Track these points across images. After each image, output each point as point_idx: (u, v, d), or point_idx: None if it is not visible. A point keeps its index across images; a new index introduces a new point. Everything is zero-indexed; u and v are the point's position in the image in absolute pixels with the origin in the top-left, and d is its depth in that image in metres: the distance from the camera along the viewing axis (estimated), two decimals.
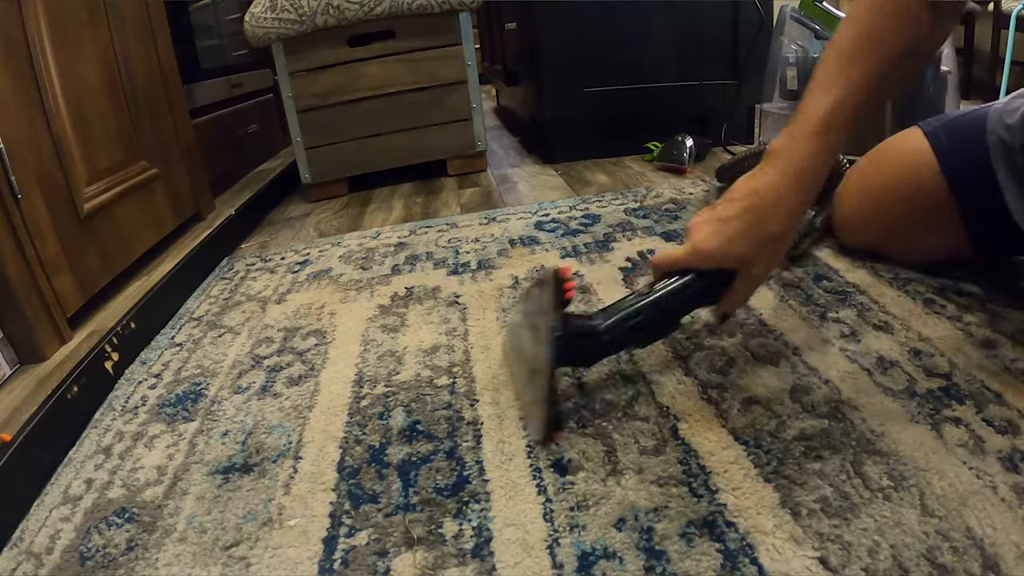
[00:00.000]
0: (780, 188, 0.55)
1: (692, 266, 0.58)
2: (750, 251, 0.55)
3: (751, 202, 0.55)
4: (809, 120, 0.55)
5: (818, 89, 0.55)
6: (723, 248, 0.56)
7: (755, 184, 0.56)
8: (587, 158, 1.60)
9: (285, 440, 0.62)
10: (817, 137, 0.54)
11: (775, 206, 0.55)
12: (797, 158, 0.55)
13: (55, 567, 0.50)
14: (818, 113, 0.54)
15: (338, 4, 1.39)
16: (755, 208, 0.55)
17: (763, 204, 0.55)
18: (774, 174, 0.55)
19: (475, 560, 0.46)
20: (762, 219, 0.55)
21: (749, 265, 0.56)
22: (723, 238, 0.56)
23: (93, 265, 0.92)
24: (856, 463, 0.50)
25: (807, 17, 1.11)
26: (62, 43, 0.91)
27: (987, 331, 0.65)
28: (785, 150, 0.56)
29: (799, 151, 0.55)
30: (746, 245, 0.55)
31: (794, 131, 0.56)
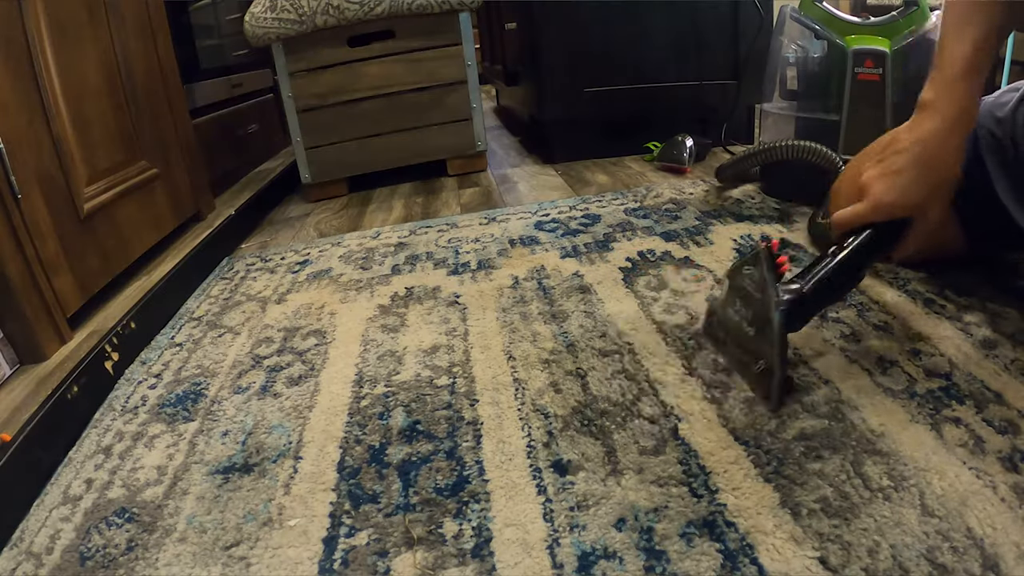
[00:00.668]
0: (941, 134, 0.58)
1: (875, 220, 0.61)
2: (926, 197, 0.59)
3: (919, 151, 0.58)
4: (953, 65, 0.58)
5: (952, 35, 0.59)
6: (902, 199, 0.59)
7: (918, 133, 0.59)
8: (587, 158, 1.60)
9: (285, 440, 0.62)
10: (965, 80, 0.58)
11: (942, 150, 0.58)
12: (951, 103, 0.58)
13: (55, 567, 0.50)
14: (960, 57, 0.58)
15: (338, 4, 1.39)
16: (924, 156, 0.58)
17: (930, 151, 0.58)
18: (935, 121, 0.59)
19: (475, 560, 0.46)
20: (933, 164, 0.58)
21: (925, 211, 0.60)
22: (900, 189, 0.59)
23: (93, 265, 0.92)
24: (856, 463, 0.50)
25: (807, 17, 1.11)
26: (62, 43, 0.91)
27: (987, 331, 0.65)
28: (938, 98, 0.59)
29: (953, 97, 0.58)
30: (922, 192, 0.59)
31: (941, 79, 0.59)
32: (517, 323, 0.78)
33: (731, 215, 1.07)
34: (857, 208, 0.61)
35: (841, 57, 1.04)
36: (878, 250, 0.63)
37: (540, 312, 0.80)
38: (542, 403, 0.62)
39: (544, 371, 0.67)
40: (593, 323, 0.76)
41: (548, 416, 0.60)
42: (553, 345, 0.72)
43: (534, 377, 0.66)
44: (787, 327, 0.58)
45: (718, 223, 1.04)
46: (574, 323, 0.76)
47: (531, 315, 0.80)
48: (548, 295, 0.85)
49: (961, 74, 0.58)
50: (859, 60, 1.02)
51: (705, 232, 1.00)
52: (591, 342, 0.72)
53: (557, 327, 0.76)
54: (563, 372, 0.67)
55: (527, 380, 0.66)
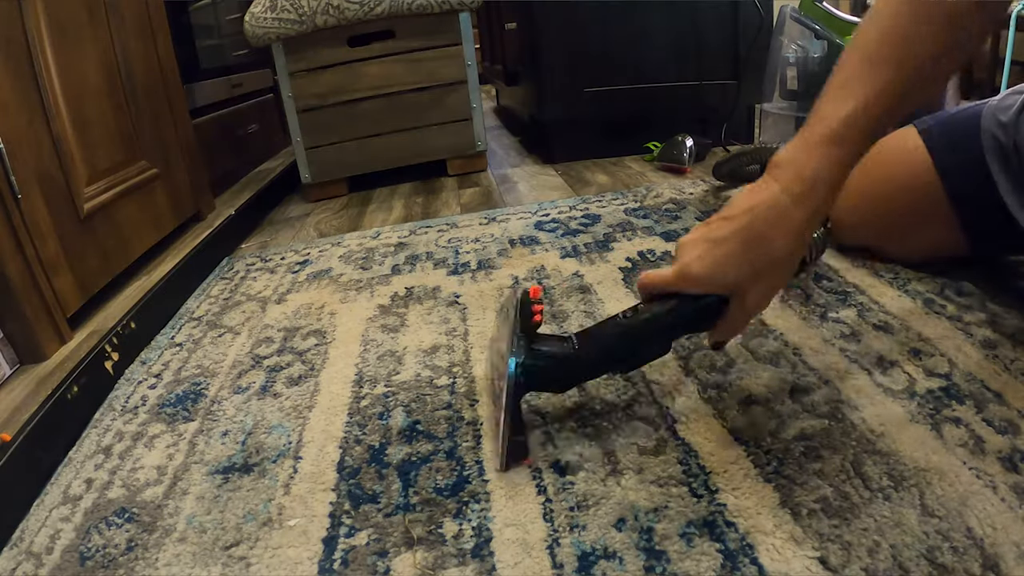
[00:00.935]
0: (783, 204, 0.48)
1: (679, 290, 0.52)
2: (744, 277, 0.49)
3: (748, 220, 0.48)
4: (822, 127, 0.48)
5: (836, 92, 0.49)
6: (712, 273, 0.49)
7: (755, 199, 0.49)
8: (587, 158, 1.61)
9: (285, 440, 0.62)
10: (830, 147, 0.47)
11: (776, 226, 0.48)
12: (805, 170, 0.48)
13: (55, 567, 0.50)
14: (833, 120, 0.47)
15: (338, 4, 1.39)
16: (752, 227, 0.48)
17: (762, 223, 0.48)
18: (777, 189, 0.48)
19: (475, 560, 0.46)
20: (760, 241, 0.48)
21: (743, 292, 0.50)
22: (712, 262, 0.49)
23: (93, 265, 0.92)
24: (856, 463, 0.50)
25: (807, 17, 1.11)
26: (62, 43, 0.91)
27: (987, 331, 0.65)
28: (792, 161, 0.49)
29: (808, 162, 0.48)
30: (739, 271, 0.49)
31: (804, 139, 0.49)
32: None
33: None
34: (663, 273, 0.52)
35: None
36: (681, 324, 0.54)
37: None
38: (541, 403, 0.62)
39: None
40: (593, 322, 0.76)
41: (547, 416, 0.60)
42: None
43: None
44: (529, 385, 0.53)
45: None
46: (574, 323, 0.76)
47: None
48: (548, 295, 0.85)
49: (828, 139, 0.47)
50: None
51: None
52: None
53: (557, 327, 0.76)
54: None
55: None
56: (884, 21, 0.49)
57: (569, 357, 0.53)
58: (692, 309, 0.52)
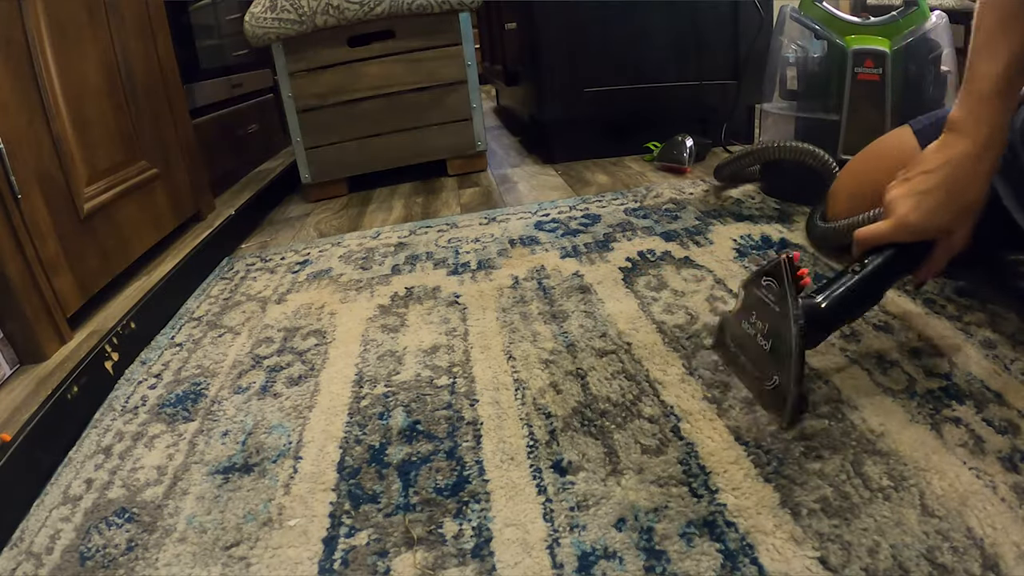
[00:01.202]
0: (972, 155, 0.56)
1: (898, 240, 0.59)
2: (951, 221, 0.58)
3: (948, 172, 0.57)
4: (985, 83, 0.56)
5: (984, 52, 0.56)
6: (927, 221, 0.57)
7: (949, 153, 0.57)
8: (587, 158, 1.60)
9: (285, 440, 0.62)
10: (997, 99, 0.56)
11: (972, 173, 0.57)
12: (983, 123, 0.56)
13: (55, 567, 0.50)
14: (992, 76, 0.55)
15: (338, 4, 1.39)
16: (953, 178, 0.57)
17: (960, 173, 0.57)
18: (965, 143, 0.57)
19: (475, 560, 0.46)
20: (961, 188, 0.57)
21: (950, 233, 0.58)
22: (926, 211, 0.57)
23: (93, 265, 0.92)
24: (856, 463, 0.50)
25: (807, 17, 1.11)
26: (62, 43, 0.91)
27: (987, 331, 0.65)
28: (969, 118, 0.57)
29: (983, 116, 0.56)
30: (947, 215, 0.57)
31: (971, 96, 0.57)
32: (517, 323, 0.78)
33: (731, 215, 1.07)
34: (881, 227, 0.60)
35: (841, 57, 1.04)
36: (900, 271, 0.61)
37: (540, 312, 0.80)
38: (542, 403, 0.62)
39: (544, 371, 0.67)
40: (593, 323, 0.76)
41: (548, 416, 0.60)
42: (553, 345, 0.72)
43: (534, 377, 0.66)
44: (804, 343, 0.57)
45: (718, 223, 1.04)
46: (574, 323, 0.76)
47: (531, 315, 0.80)
48: (548, 295, 0.85)
49: (992, 93, 0.56)
50: (859, 60, 1.02)
51: (705, 232, 1.00)
52: (591, 342, 0.72)
53: (557, 327, 0.76)
54: (563, 372, 0.67)
55: (527, 380, 0.66)
56: None
57: (825, 315, 0.58)
58: (908, 255, 0.60)
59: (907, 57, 1.00)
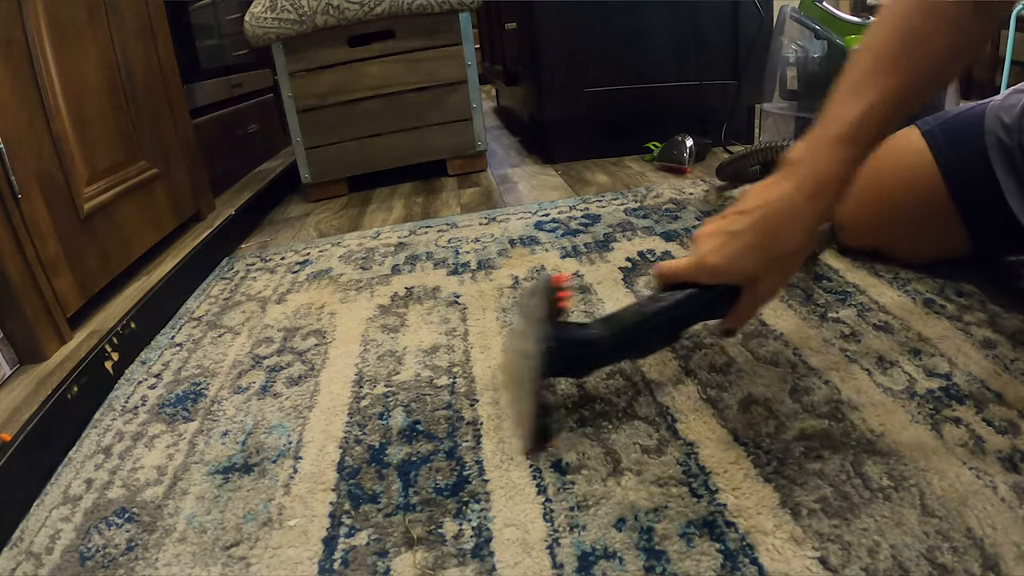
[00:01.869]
0: (796, 201, 0.50)
1: (696, 280, 0.54)
2: (758, 268, 0.52)
3: (763, 215, 0.51)
4: (835, 126, 0.50)
5: (847, 92, 0.51)
6: (729, 264, 0.52)
7: (769, 195, 0.52)
8: (587, 158, 1.61)
9: (285, 440, 0.62)
10: (841, 146, 0.50)
11: (789, 221, 0.51)
12: (817, 168, 0.50)
13: (55, 567, 0.50)
14: (845, 120, 0.49)
15: (338, 4, 1.39)
16: (767, 222, 0.51)
17: (776, 218, 0.51)
18: (790, 186, 0.51)
19: (475, 560, 0.46)
20: (774, 234, 0.51)
21: (756, 282, 0.53)
22: (730, 253, 0.52)
23: (93, 265, 0.92)
24: (856, 463, 0.50)
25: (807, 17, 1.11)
26: (62, 43, 0.91)
27: (987, 331, 0.65)
28: (804, 159, 0.51)
29: (820, 160, 0.50)
30: (754, 262, 0.52)
31: (816, 138, 0.51)
32: None
33: None
34: (680, 264, 0.55)
35: (841, 57, 1.04)
36: (696, 313, 0.57)
37: None
38: None
39: None
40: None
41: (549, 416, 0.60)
42: None
43: None
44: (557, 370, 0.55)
45: None
46: None
47: None
48: None
49: (841, 138, 0.50)
50: None
51: None
52: None
53: None
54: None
55: None
56: (894, 23, 0.51)
57: (590, 342, 0.55)
58: (708, 298, 0.55)
59: None
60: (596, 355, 0.56)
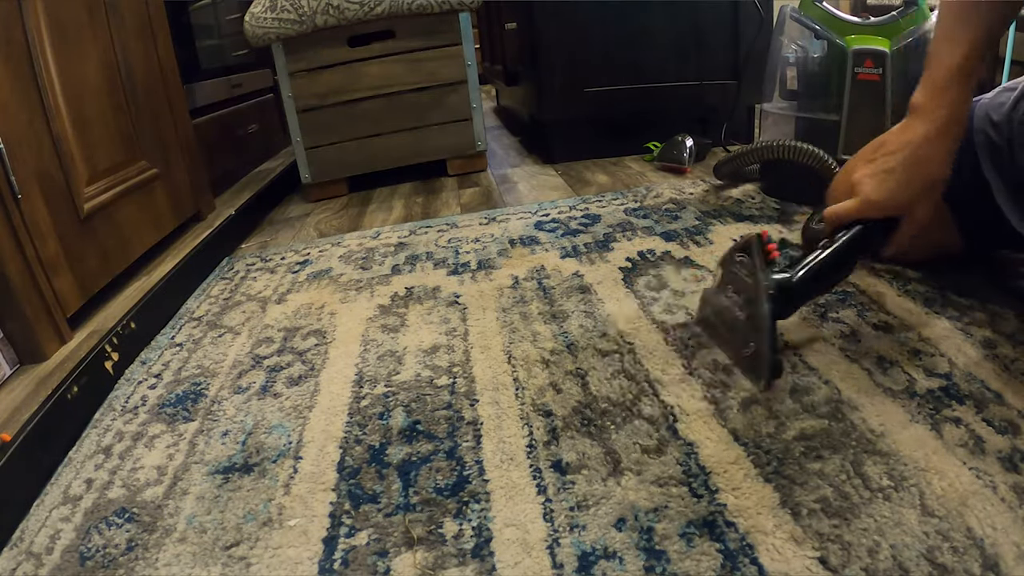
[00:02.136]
0: (931, 138, 0.60)
1: (865, 216, 0.63)
2: (914, 197, 0.61)
3: (909, 152, 0.60)
4: (943, 71, 0.60)
5: (943, 43, 0.61)
6: (890, 198, 0.61)
7: (909, 135, 0.61)
8: (587, 158, 1.60)
9: (285, 440, 0.62)
10: (956, 84, 0.59)
11: (931, 155, 0.60)
12: (943, 108, 0.60)
13: (55, 567, 0.50)
14: (950, 65, 0.59)
15: (338, 4, 1.39)
16: (913, 158, 0.60)
17: (920, 154, 0.60)
18: (925, 124, 0.60)
19: (475, 560, 0.46)
20: (921, 167, 0.60)
21: (914, 210, 0.62)
22: (888, 188, 0.61)
23: (93, 265, 0.92)
24: (856, 463, 0.50)
25: (807, 17, 1.11)
26: (62, 43, 0.91)
27: (987, 331, 0.65)
28: (929, 102, 0.61)
29: (943, 101, 0.60)
30: (909, 193, 0.61)
31: (932, 83, 0.61)
32: (517, 323, 0.78)
33: (731, 215, 1.07)
34: (848, 204, 0.63)
35: (841, 57, 1.04)
36: (867, 245, 0.64)
37: (540, 312, 0.80)
38: (542, 403, 0.62)
39: (544, 371, 0.67)
40: (593, 323, 0.76)
41: (548, 416, 0.60)
42: (553, 345, 0.72)
43: (534, 377, 0.66)
44: (776, 312, 0.60)
45: (718, 223, 1.04)
46: (574, 323, 0.76)
47: (531, 315, 0.80)
48: (548, 295, 0.85)
49: (952, 78, 0.60)
50: (859, 60, 1.02)
51: (705, 232, 1.00)
52: (591, 342, 0.72)
53: (557, 327, 0.76)
54: (563, 372, 0.67)
55: (527, 380, 0.66)
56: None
57: (796, 286, 0.61)
58: (875, 231, 0.64)
59: (907, 57, 1.00)
60: (800, 296, 0.63)
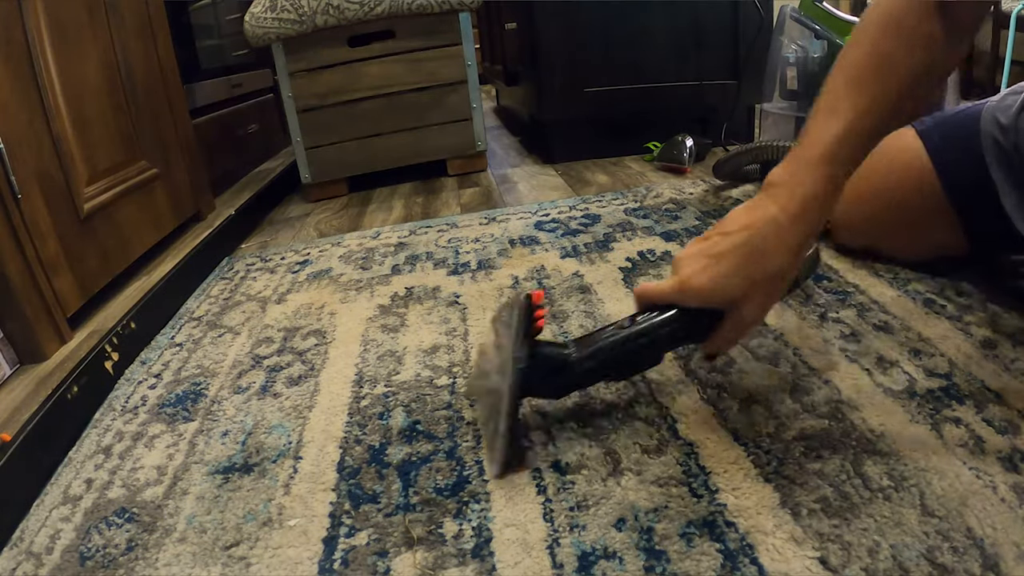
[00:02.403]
0: (780, 222, 0.50)
1: (677, 303, 0.53)
2: (742, 291, 0.51)
3: (746, 237, 0.50)
4: (814, 148, 0.50)
5: (823, 114, 0.51)
6: (712, 287, 0.51)
7: (752, 217, 0.51)
8: (587, 158, 1.60)
9: (285, 440, 0.62)
10: (822, 166, 0.50)
11: (773, 242, 0.50)
12: (800, 190, 0.50)
13: (55, 567, 0.50)
14: (823, 141, 0.50)
15: (338, 4, 1.39)
16: (750, 244, 0.50)
17: (760, 240, 0.50)
18: (773, 207, 0.51)
19: (475, 560, 0.46)
20: (758, 257, 0.50)
21: (740, 306, 0.51)
22: (713, 276, 0.51)
23: (93, 265, 0.92)
24: (856, 463, 0.50)
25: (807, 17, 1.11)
26: (62, 43, 0.91)
27: (987, 331, 0.65)
28: (787, 181, 0.51)
29: (802, 182, 0.50)
30: (738, 285, 0.50)
31: (797, 159, 0.51)
32: None
33: None
34: (662, 285, 0.54)
35: None
36: (677, 336, 0.55)
37: None
38: (543, 402, 0.62)
39: None
40: (593, 323, 0.76)
41: (547, 416, 0.60)
42: None
43: None
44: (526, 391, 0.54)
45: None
46: (574, 323, 0.76)
47: None
48: (548, 295, 0.85)
49: (821, 159, 0.50)
50: None
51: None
52: None
53: (557, 327, 0.76)
54: None
55: None
56: (865, 46, 0.52)
57: (568, 363, 0.54)
58: (689, 321, 0.54)
59: None
60: (572, 376, 0.55)
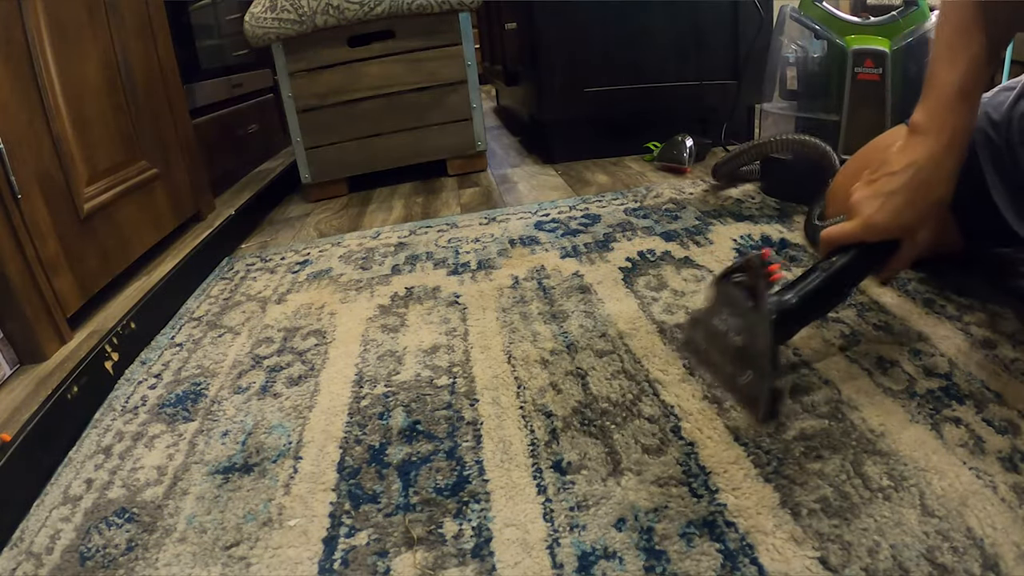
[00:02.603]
0: (937, 156, 0.58)
1: (864, 239, 0.60)
2: (915, 220, 0.59)
3: (913, 173, 0.58)
4: (946, 88, 0.58)
5: (944, 60, 0.59)
6: (891, 220, 0.59)
7: (914, 155, 0.59)
8: (587, 158, 1.60)
9: (285, 440, 0.62)
10: (958, 103, 0.58)
11: (934, 176, 0.58)
12: (946, 128, 0.58)
13: (55, 567, 0.50)
14: (952, 82, 0.58)
15: (338, 4, 1.39)
16: (918, 178, 0.58)
17: (925, 174, 0.58)
18: (929, 144, 0.58)
19: (475, 560, 0.46)
20: (924, 188, 0.58)
21: (914, 233, 0.60)
22: (890, 211, 0.58)
23: (93, 265, 0.92)
24: (856, 463, 0.50)
25: (807, 17, 1.11)
26: (62, 43, 0.91)
27: (987, 331, 0.65)
28: (931, 122, 0.59)
29: (946, 119, 0.58)
30: (912, 215, 0.58)
31: (933, 102, 0.59)
32: (517, 323, 0.78)
33: (731, 215, 1.07)
34: (846, 227, 0.61)
35: (841, 57, 1.04)
36: (865, 269, 0.62)
37: (540, 312, 0.80)
38: (542, 403, 0.62)
39: (544, 371, 0.67)
40: (593, 323, 0.76)
41: (548, 416, 0.60)
42: (553, 345, 0.72)
43: (534, 377, 0.66)
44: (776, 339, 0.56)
45: (718, 223, 1.03)
46: (574, 323, 0.76)
47: (531, 315, 0.80)
48: (548, 295, 0.85)
49: (954, 98, 0.58)
50: (859, 60, 1.03)
51: (705, 232, 1.00)
52: (591, 342, 0.72)
53: (557, 327, 0.76)
54: (563, 372, 0.67)
55: (527, 380, 0.66)
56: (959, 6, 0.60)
57: (794, 309, 0.59)
58: (875, 253, 0.61)
59: (907, 57, 1.00)
60: (798, 320, 0.60)
